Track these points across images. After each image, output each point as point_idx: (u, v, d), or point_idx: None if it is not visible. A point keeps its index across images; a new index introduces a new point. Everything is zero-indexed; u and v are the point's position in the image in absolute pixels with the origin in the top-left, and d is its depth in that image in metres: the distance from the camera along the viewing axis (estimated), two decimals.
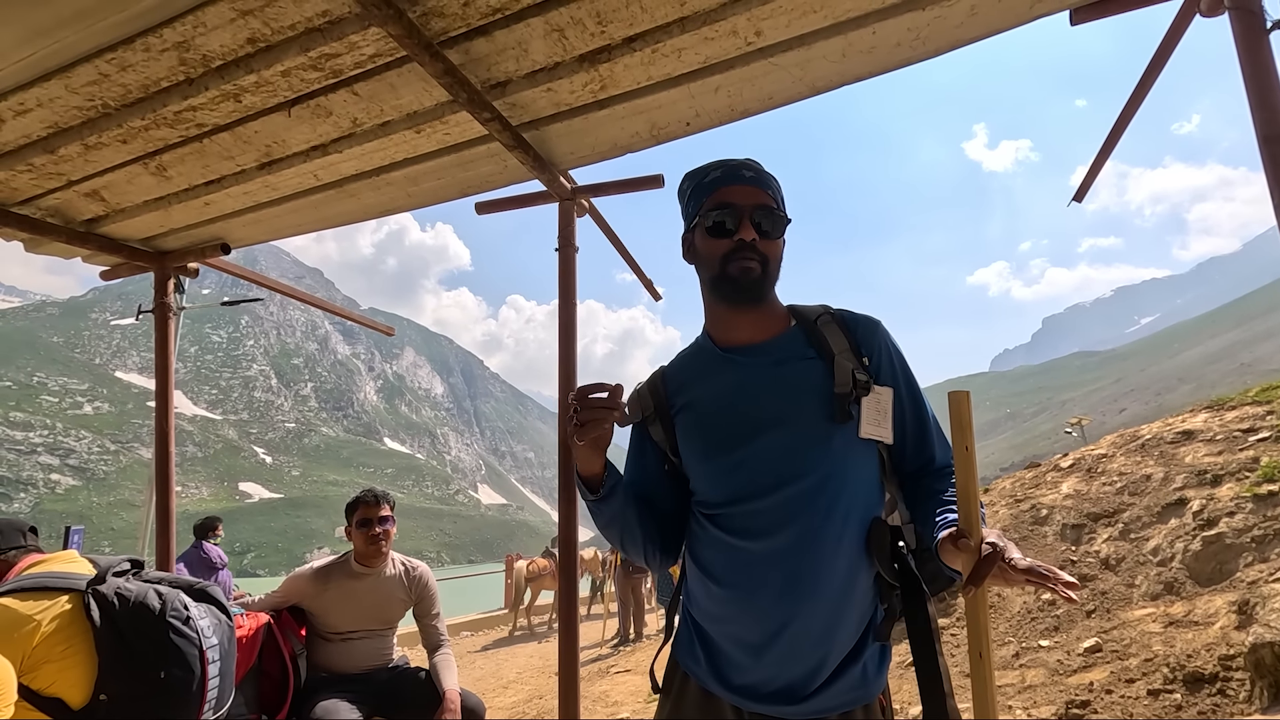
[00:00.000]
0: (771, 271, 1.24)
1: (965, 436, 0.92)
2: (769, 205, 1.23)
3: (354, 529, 2.79)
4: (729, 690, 1.19)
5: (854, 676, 1.15)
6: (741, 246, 1.21)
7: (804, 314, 1.29)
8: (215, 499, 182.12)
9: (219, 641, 1.87)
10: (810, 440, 1.16)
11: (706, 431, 1.24)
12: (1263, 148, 1.82)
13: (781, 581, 1.14)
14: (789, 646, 1.14)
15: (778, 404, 1.19)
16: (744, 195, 1.23)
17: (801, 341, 1.25)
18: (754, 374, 1.23)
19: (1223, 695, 3.04)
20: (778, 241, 1.25)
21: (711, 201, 1.24)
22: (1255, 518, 4.08)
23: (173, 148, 2.34)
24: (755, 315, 1.27)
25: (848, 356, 1.21)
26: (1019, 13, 1.93)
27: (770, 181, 1.26)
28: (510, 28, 1.86)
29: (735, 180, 1.24)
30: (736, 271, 1.21)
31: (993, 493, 6.44)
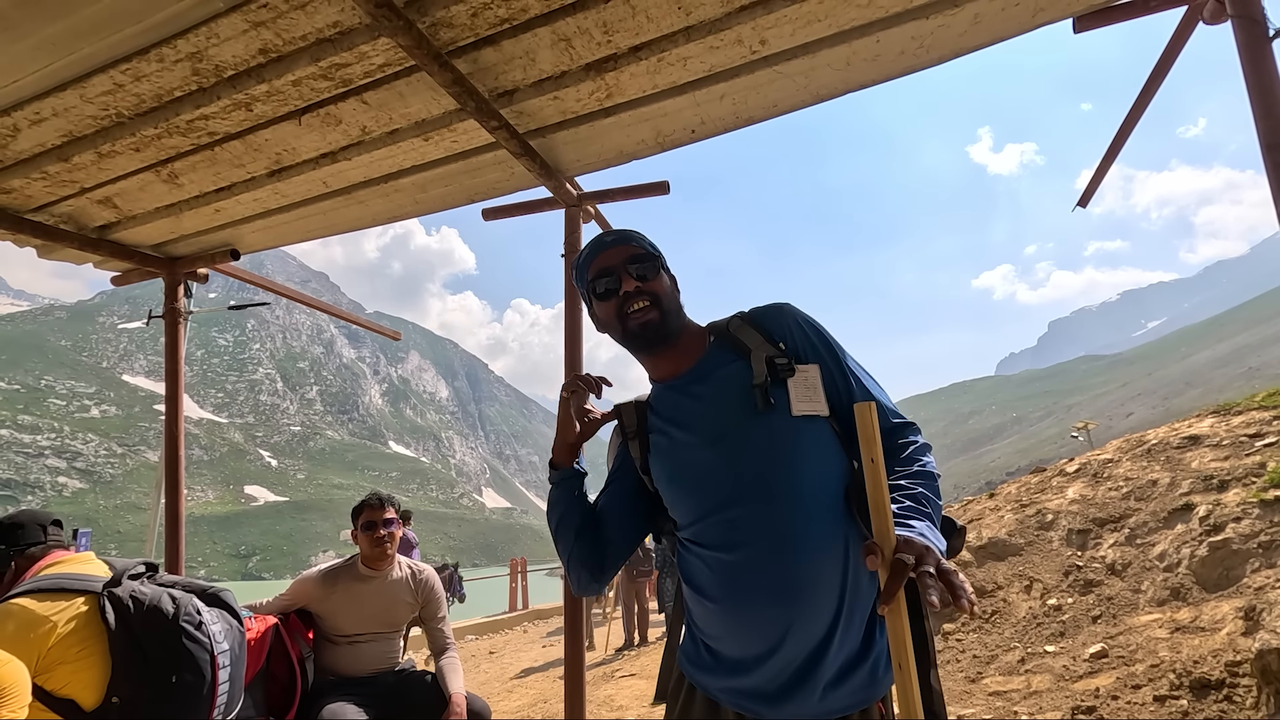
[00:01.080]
0: (667, 306, 1.32)
1: (871, 449, 0.92)
2: (638, 254, 1.33)
3: (359, 532, 2.80)
4: (734, 696, 1.19)
5: (862, 675, 1.15)
6: (628, 297, 1.30)
7: (719, 327, 1.36)
8: (221, 502, 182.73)
9: (230, 646, 1.89)
10: (751, 438, 1.20)
11: (665, 457, 1.31)
12: (1266, 155, 1.83)
13: (770, 585, 1.14)
14: (793, 649, 1.14)
15: (714, 416, 1.25)
16: (613, 256, 1.34)
17: (726, 352, 1.31)
18: (688, 397, 1.31)
19: (1229, 702, 3.03)
20: (659, 279, 1.34)
21: (592, 273, 1.36)
22: (1262, 523, 4.06)
23: (185, 155, 2.37)
24: (676, 352, 1.36)
25: (763, 348, 1.26)
26: (1021, 21, 1.95)
27: (631, 235, 1.37)
28: (518, 37, 1.89)
29: (602, 249, 1.36)
30: (636, 326, 1.30)
31: (998, 497, 6.43)
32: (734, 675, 1.20)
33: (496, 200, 2.86)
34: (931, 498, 1.12)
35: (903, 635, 0.89)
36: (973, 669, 4.11)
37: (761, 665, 1.17)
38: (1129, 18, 1.98)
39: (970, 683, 3.96)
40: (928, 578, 0.90)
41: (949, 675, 4.13)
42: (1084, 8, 1.93)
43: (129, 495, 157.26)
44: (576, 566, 1.38)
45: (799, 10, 1.84)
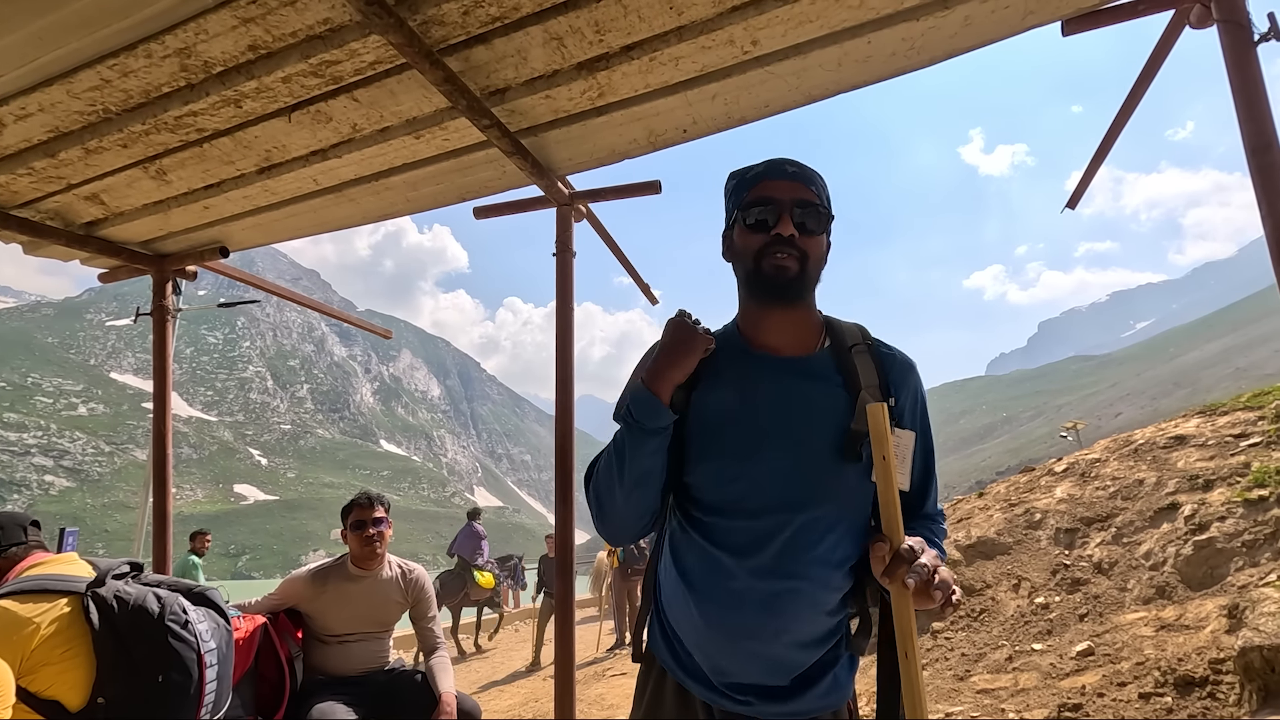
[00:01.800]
0: (810, 271, 1.17)
1: (883, 446, 0.93)
2: (811, 201, 1.17)
3: (349, 531, 2.79)
4: (702, 686, 1.20)
5: (825, 684, 1.16)
6: (778, 241, 1.14)
7: (839, 335, 1.23)
8: (210, 501, 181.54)
9: (217, 645, 1.88)
10: (818, 471, 1.13)
11: (715, 429, 1.18)
12: (1250, 158, 1.85)
13: (759, 602, 1.13)
14: (761, 659, 1.15)
15: (793, 425, 1.15)
16: (785, 190, 1.16)
17: (831, 365, 1.20)
18: (776, 386, 1.18)
19: (1213, 699, 3.06)
20: (819, 239, 1.18)
21: (751, 196, 1.18)
22: (1246, 522, 4.11)
23: (173, 152, 2.35)
24: (789, 321, 1.21)
25: (874, 393, 1.16)
26: (1011, 24, 1.96)
27: (815, 178, 1.19)
28: (510, 36, 1.88)
29: (777, 175, 1.18)
30: (770, 269, 1.15)
31: (988, 496, 6.47)
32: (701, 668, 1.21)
33: (488, 199, 2.86)
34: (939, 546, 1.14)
35: (906, 621, 0.91)
36: (961, 667, 4.14)
37: (729, 665, 1.17)
38: (1117, 21, 2.00)
39: (958, 681, 3.98)
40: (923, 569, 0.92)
41: (938, 674, 4.16)
42: (1072, 11, 1.95)
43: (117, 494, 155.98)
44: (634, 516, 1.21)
45: (790, 11, 1.85)
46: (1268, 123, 1.84)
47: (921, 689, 0.89)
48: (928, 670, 4.24)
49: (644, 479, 1.15)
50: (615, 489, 1.17)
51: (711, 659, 1.19)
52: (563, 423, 2.76)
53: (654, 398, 1.12)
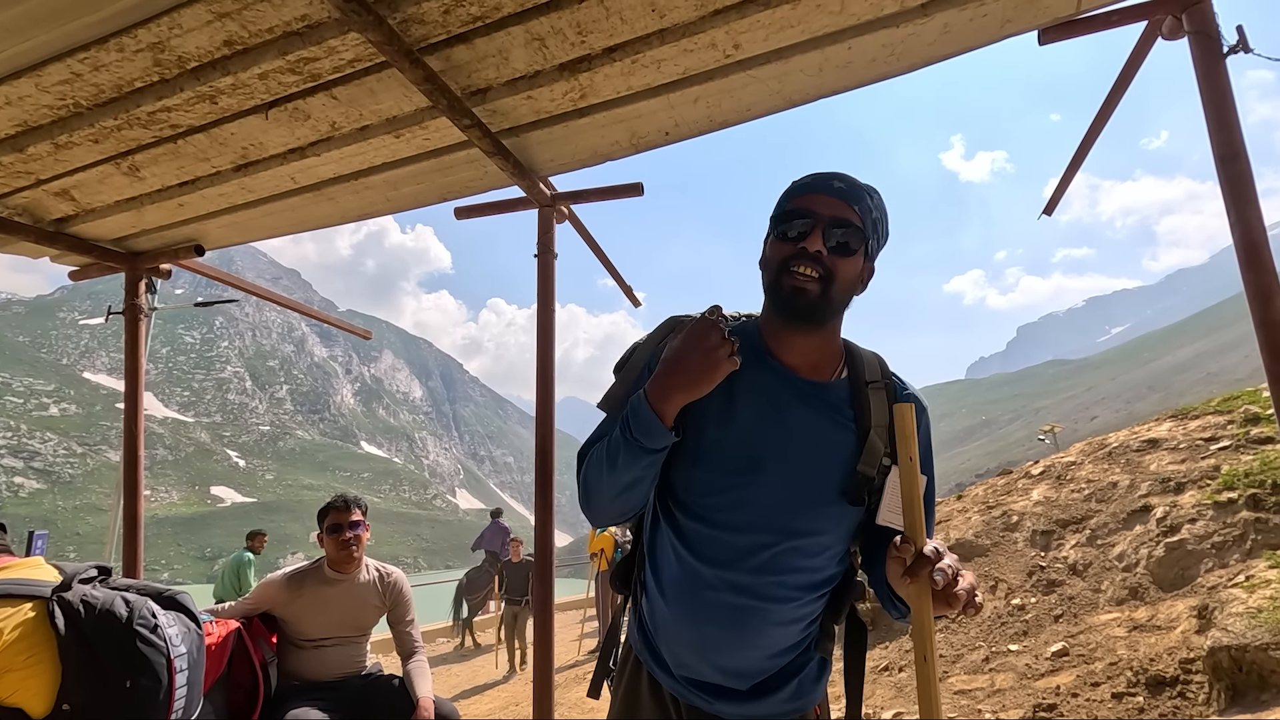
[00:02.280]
0: (835, 295, 1.11)
1: (909, 448, 0.94)
2: (852, 221, 1.11)
3: (325, 535, 2.76)
4: (669, 678, 1.21)
5: (788, 690, 1.17)
6: (803, 255, 1.09)
7: (858, 367, 1.20)
8: (186, 503, 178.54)
9: (187, 650, 1.84)
10: (814, 504, 1.12)
11: (716, 436, 1.15)
12: (1220, 167, 1.89)
13: (725, 614, 1.13)
14: (725, 665, 1.16)
15: (798, 453, 1.12)
16: (824, 205, 1.11)
17: (845, 398, 1.16)
18: (788, 408, 1.14)
19: (1183, 698, 3.12)
20: (852, 260, 1.12)
21: (790, 207, 1.14)
22: (1215, 524, 4.19)
23: (146, 148, 2.31)
24: (810, 343, 1.17)
25: (882, 434, 1.13)
26: (990, 32, 1.98)
27: (862, 198, 1.13)
28: (491, 36, 1.87)
29: (820, 189, 1.13)
30: (789, 289, 1.10)
31: (966, 499, 6.55)
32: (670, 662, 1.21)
33: (470, 199, 2.84)
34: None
35: (927, 624, 0.90)
36: (939, 668, 4.17)
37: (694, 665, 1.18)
38: (1092, 31, 2.03)
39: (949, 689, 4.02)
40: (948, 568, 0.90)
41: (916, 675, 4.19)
42: (1049, 20, 1.98)
43: (89, 496, 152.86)
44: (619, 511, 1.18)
45: (772, 15, 1.86)
46: (1236, 132, 1.88)
47: (938, 692, 0.90)
48: (906, 672, 4.27)
49: (634, 485, 1.12)
50: (604, 487, 1.14)
51: (676, 654, 1.20)
52: (543, 425, 2.75)
53: (656, 419, 1.04)
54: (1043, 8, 1.92)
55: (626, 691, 1.27)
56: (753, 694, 1.16)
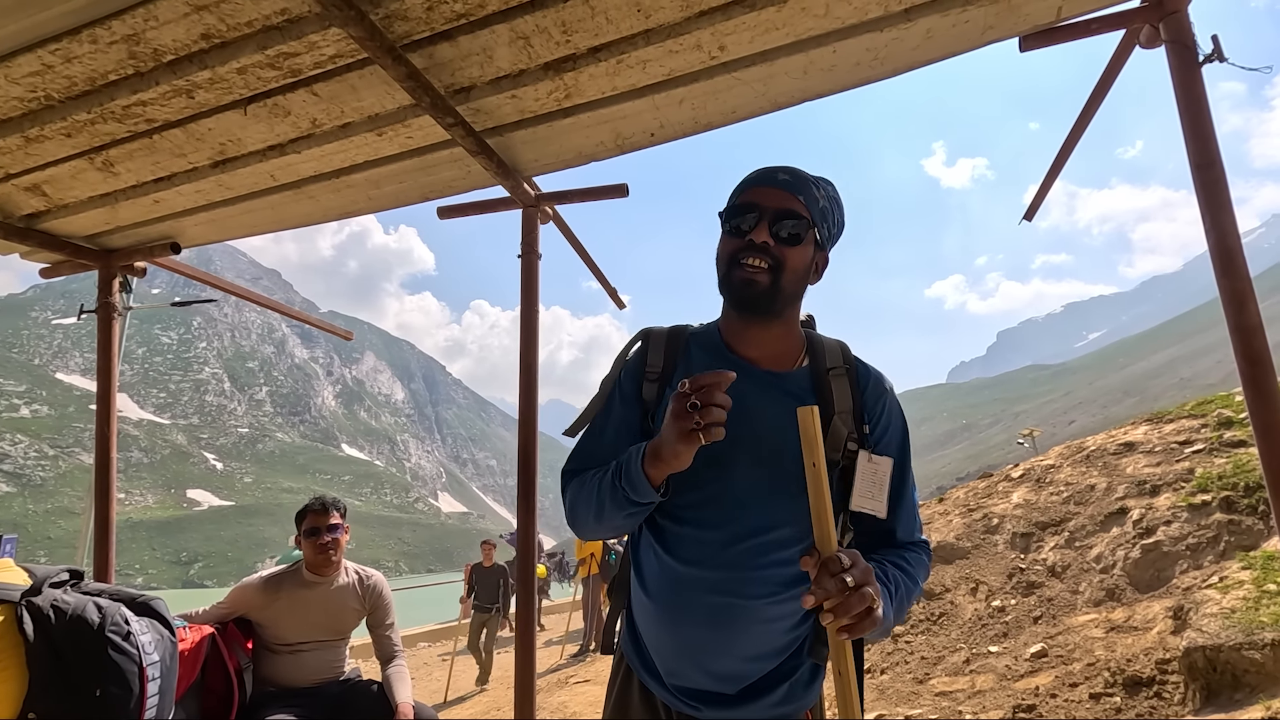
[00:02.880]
0: (785, 284, 1.13)
1: (813, 453, 0.92)
2: (798, 212, 1.13)
3: (303, 538, 2.72)
4: (659, 686, 1.20)
5: (779, 694, 1.16)
6: (751, 247, 1.11)
7: (819, 355, 1.21)
8: (161, 506, 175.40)
9: (160, 658, 1.80)
10: (783, 492, 1.11)
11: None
12: (1195, 174, 1.92)
13: (707, 611, 1.13)
14: (708, 668, 1.15)
15: (764, 442, 1.13)
16: (770, 197, 1.13)
17: (807, 386, 1.18)
18: (752, 398, 1.15)
19: (1159, 698, 3.16)
20: (800, 250, 1.13)
21: (737, 201, 1.16)
22: (1190, 526, 4.26)
23: (121, 143, 2.26)
24: (768, 334, 1.19)
25: (846, 419, 1.15)
26: (971, 38, 2.00)
27: (808, 188, 1.15)
28: (475, 34, 1.86)
29: (765, 182, 1.15)
30: (739, 280, 1.12)
31: (947, 502, 6.60)
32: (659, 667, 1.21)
33: (453, 199, 2.82)
34: (902, 592, 1.08)
35: (843, 641, 0.89)
36: (920, 670, 4.20)
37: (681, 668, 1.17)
38: (1071, 39, 2.05)
39: (918, 684, 4.04)
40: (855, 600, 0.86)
41: (898, 677, 4.21)
42: (1029, 27, 2.00)
43: (61, 499, 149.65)
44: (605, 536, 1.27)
45: (757, 18, 1.86)
46: (1211, 141, 1.91)
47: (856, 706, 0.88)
48: (888, 674, 4.29)
49: (622, 526, 1.16)
50: (590, 521, 1.17)
51: (665, 661, 1.19)
52: (526, 427, 2.73)
53: (645, 481, 1.04)
54: (1024, 15, 1.94)
55: (618, 699, 1.27)
56: (742, 698, 1.15)
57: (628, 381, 1.26)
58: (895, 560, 1.13)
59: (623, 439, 1.22)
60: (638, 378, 1.25)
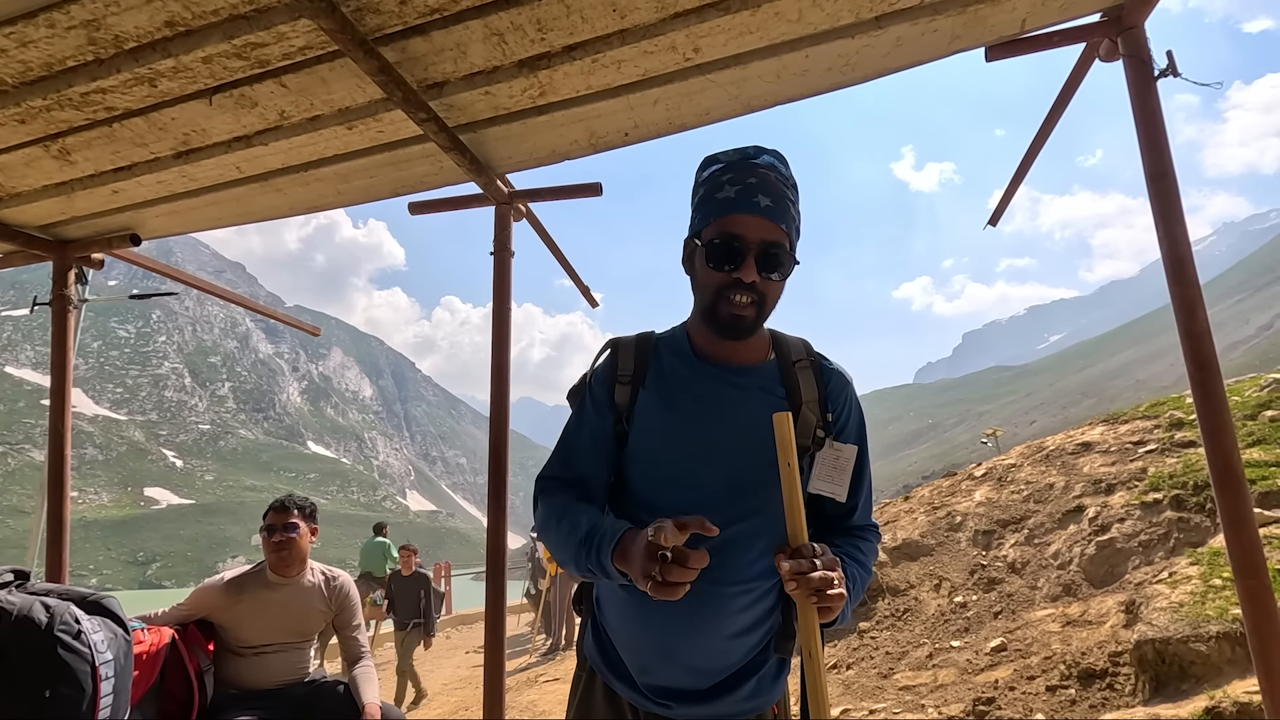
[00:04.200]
0: (766, 313, 1.18)
1: (787, 454, 0.96)
2: (779, 241, 1.14)
3: (263, 536, 2.69)
4: (627, 688, 1.22)
5: (748, 688, 1.18)
6: (739, 285, 1.12)
7: (784, 351, 1.27)
8: (117, 505, 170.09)
9: (114, 656, 1.76)
10: (754, 481, 1.15)
11: (657, 432, 1.21)
12: (1150, 184, 1.99)
13: (681, 604, 1.13)
14: (681, 661, 1.17)
15: (734, 433, 1.18)
16: (755, 228, 1.12)
17: (775, 379, 1.23)
18: (724, 395, 1.21)
19: (1111, 690, 3.27)
20: (782, 281, 1.17)
21: (718, 227, 1.14)
22: (1142, 524, 4.41)
23: (78, 131, 2.19)
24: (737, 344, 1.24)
25: (813, 408, 1.20)
26: (939, 47, 2.05)
27: (787, 209, 1.15)
28: (449, 29, 1.84)
29: (748, 209, 1.12)
30: (727, 316, 1.15)
31: (913, 500, 6.73)
32: (627, 668, 1.22)
33: (424, 194, 2.79)
34: (857, 579, 1.14)
35: (813, 624, 0.94)
36: (885, 665, 4.28)
37: (652, 665, 1.19)
38: (1035, 50, 2.11)
39: (882, 679, 4.12)
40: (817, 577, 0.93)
41: (863, 672, 4.29)
42: (995, 38, 2.05)
43: (10, 498, 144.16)
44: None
45: (731, 21, 1.87)
46: (1165, 152, 1.99)
47: (825, 688, 0.93)
48: (854, 669, 4.37)
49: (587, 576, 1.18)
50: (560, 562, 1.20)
51: (636, 658, 1.20)
52: (497, 425, 2.71)
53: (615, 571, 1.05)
54: (989, 26, 1.99)
55: (581, 703, 1.28)
56: (713, 694, 1.17)
57: (599, 388, 1.28)
58: (851, 552, 1.18)
59: (596, 446, 1.26)
60: (609, 383, 1.27)
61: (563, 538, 1.15)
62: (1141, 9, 1.96)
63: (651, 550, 0.96)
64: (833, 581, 0.94)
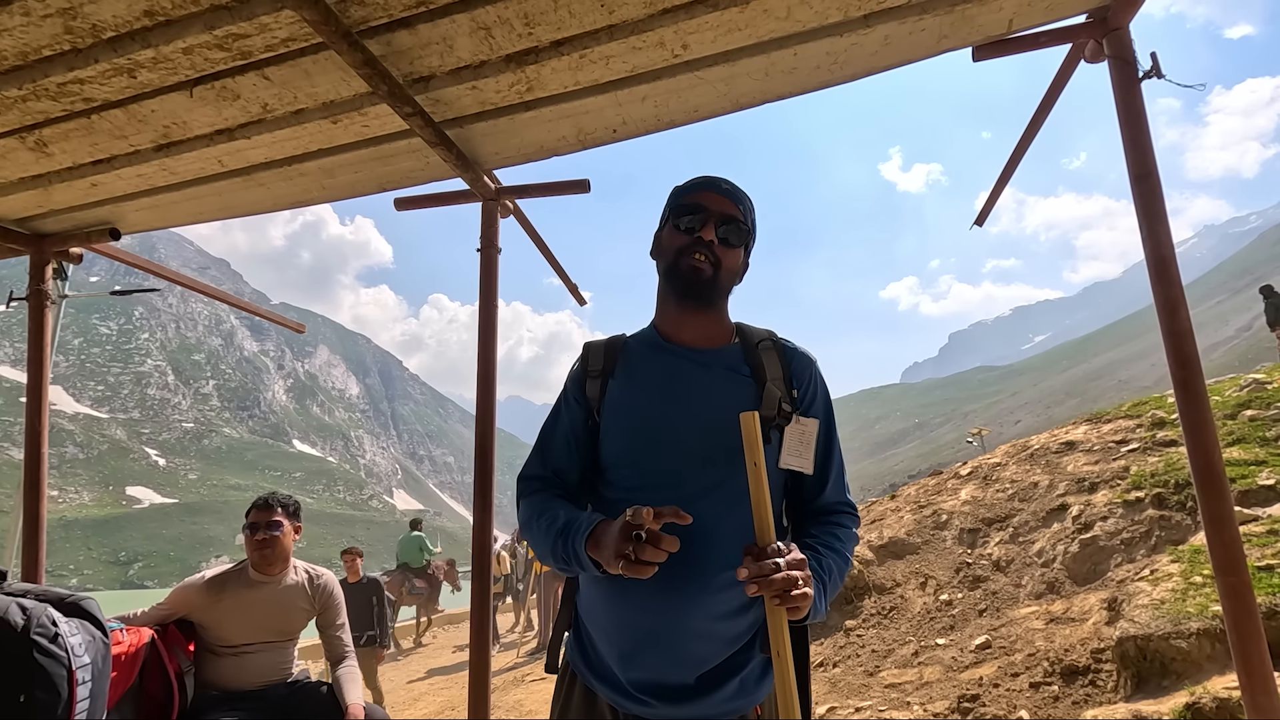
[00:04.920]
0: (722, 279, 1.29)
1: (754, 454, 0.99)
2: (736, 218, 1.29)
3: (246, 534, 2.66)
4: (607, 688, 1.22)
5: (731, 688, 1.18)
6: (699, 243, 1.26)
7: (748, 334, 1.35)
8: (98, 504, 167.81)
9: (91, 660, 1.73)
10: (725, 454, 1.18)
11: (629, 414, 1.27)
12: (1134, 185, 2.00)
13: (660, 580, 1.14)
14: (661, 647, 1.17)
15: (703, 410, 1.23)
16: (715, 202, 1.29)
17: (739, 359, 1.30)
18: (690, 372, 1.28)
19: (1094, 686, 3.30)
20: (735, 252, 1.30)
21: (685, 202, 1.31)
22: (1125, 522, 4.45)
23: (55, 122, 2.15)
24: (701, 320, 1.32)
25: (778, 384, 1.26)
26: (927, 46, 2.05)
27: (743, 199, 1.32)
28: (435, 22, 1.82)
29: (711, 188, 1.31)
30: (687, 267, 1.26)
31: (899, 499, 6.77)
32: (606, 667, 1.22)
33: (411, 190, 2.76)
34: (834, 570, 1.17)
35: (781, 624, 0.95)
36: (871, 663, 4.30)
37: (631, 656, 1.18)
38: (1021, 50, 2.12)
39: (869, 676, 4.14)
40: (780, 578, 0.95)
41: (849, 670, 4.31)
42: (982, 38, 2.06)
43: None
44: None
45: (720, 18, 1.87)
46: (1149, 153, 2.00)
47: (793, 688, 0.93)
48: (840, 667, 4.38)
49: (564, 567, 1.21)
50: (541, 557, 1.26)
51: (617, 648, 1.20)
52: (483, 424, 2.69)
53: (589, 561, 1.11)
54: (977, 26, 1.99)
55: (561, 708, 1.29)
56: (695, 691, 1.17)
57: (573, 386, 1.37)
58: (829, 541, 1.22)
59: (570, 442, 1.33)
60: (581, 380, 1.36)
61: (542, 532, 1.22)
62: (1127, 10, 1.97)
63: (627, 530, 1.02)
64: (797, 581, 0.97)
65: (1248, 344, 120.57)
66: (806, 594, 0.98)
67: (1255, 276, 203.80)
